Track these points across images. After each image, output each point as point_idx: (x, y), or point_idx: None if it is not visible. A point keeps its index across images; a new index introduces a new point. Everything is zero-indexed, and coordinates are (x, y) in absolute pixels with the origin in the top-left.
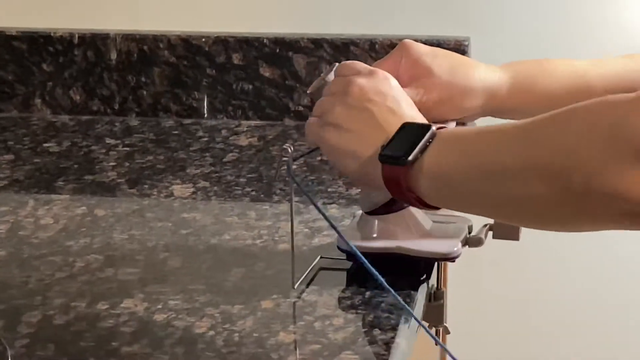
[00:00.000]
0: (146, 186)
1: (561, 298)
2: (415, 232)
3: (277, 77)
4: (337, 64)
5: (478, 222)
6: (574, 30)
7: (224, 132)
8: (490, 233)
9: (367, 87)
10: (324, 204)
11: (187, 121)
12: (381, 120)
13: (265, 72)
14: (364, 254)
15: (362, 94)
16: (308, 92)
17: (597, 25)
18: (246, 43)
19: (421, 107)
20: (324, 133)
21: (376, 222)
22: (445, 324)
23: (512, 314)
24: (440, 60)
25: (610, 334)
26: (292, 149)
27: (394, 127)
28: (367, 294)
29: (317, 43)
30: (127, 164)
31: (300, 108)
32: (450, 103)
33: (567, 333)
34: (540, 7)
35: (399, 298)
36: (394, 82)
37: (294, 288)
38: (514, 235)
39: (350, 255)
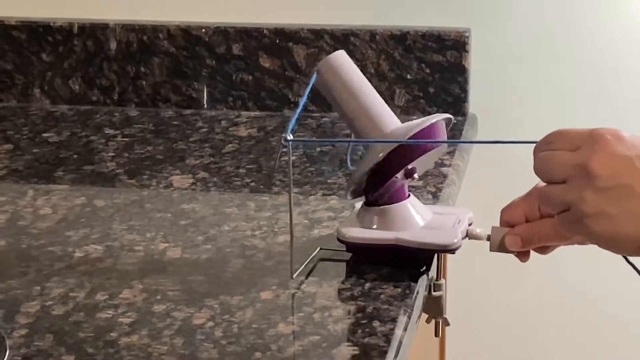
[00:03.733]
0: (145, 177)
1: (561, 290)
2: (415, 224)
3: (277, 67)
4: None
5: (478, 215)
6: (575, 21)
7: (223, 122)
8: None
9: (607, 160)
10: (323, 195)
11: (187, 112)
12: None
13: (265, 62)
14: (363, 245)
15: (608, 170)
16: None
17: (600, 15)
18: (246, 33)
19: None
20: (592, 225)
21: (376, 213)
22: (444, 315)
23: (511, 305)
24: None
25: (609, 322)
26: (291, 137)
27: None
28: (367, 285)
29: (317, 34)
30: (126, 154)
31: (300, 99)
32: None
33: (566, 324)
34: None
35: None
36: (622, 133)
37: (292, 278)
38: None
39: (350, 246)
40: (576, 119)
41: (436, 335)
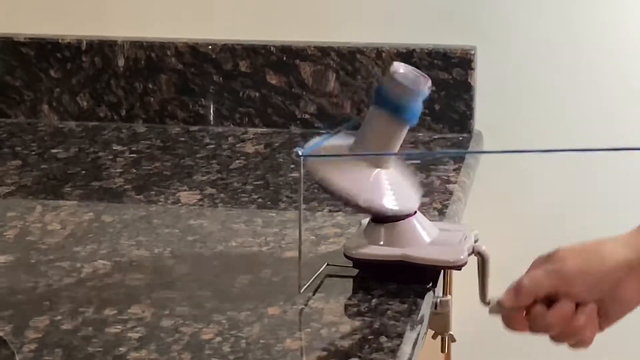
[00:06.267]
0: (153, 193)
1: None
2: (422, 240)
3: (283, 84)
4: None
5: (484, 232)
6: (579, 38)
7: (230, 139)
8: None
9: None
10: (330, 211)
11: (194, 128)
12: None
13: (272, 79)
14: (370, 261)
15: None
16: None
17: (605, 32)
18: (253, 51)
19: None
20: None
21: (383, 229)
22: (450, 331)
23: None
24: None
25: (621, 341)
26: (302, 153)
27: None
28: (374, 301)
29: (324, 51)
30: (134, 170)
31: (307, 116)
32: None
33: None
34: (546, 16)
35: None
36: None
37: (299, 292)
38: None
39: (356, 262)
40: (581, 135)
41: (442, 351)
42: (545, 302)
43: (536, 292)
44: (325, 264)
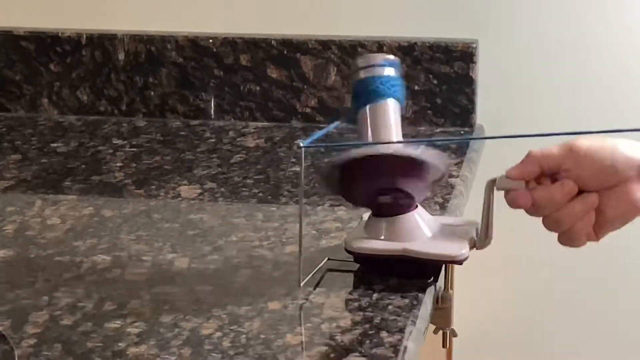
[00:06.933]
0: (153, 187)
1: (569, 301)
2: (423, 235)
3: (284, 78)
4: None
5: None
6: (581, 33)
7: (231, 133)
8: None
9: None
10: (331, 205)
11: (194, 122)
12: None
13: (273, 73)
14: (371, 255)
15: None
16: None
17: (605, 27)
18: (254, 44)
19: None
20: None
21: (384, 224)
22: (452, 326)
23: (519, 317)
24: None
25: (622, 339)
26: (303, 144)
27: None
28: (375, 296)
29: (325, 45)
30: (134, 164)
31: (308, 110)
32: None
33: (575, 336)
34: (548, 10)
35: None
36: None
37: (300, 286)
38: None
39: (357, 257)
40: (584, 128)
41: (444, 346)
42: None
43: (543, 162)
44: (326, 258)
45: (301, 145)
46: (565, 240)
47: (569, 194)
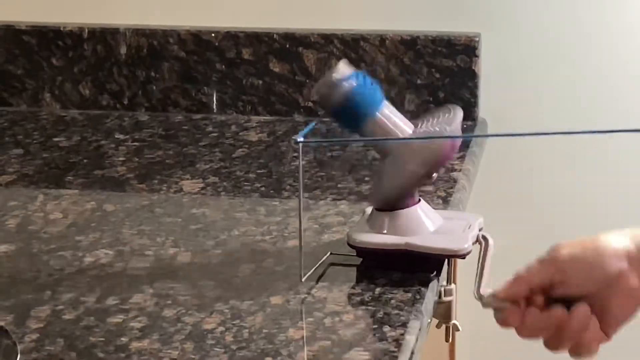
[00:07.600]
0: (155, 181)
1: None
2: (426, 229)
3: (287, 72)
4: (343, 60)
5: (489, 220)
6: (584, 27)
7: (233, 127)
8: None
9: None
10: (333, 199)
11: (197, 116)
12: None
13: (275, 67)
14: (373, 250)
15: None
16: (316, 92)
17: (608, 19)
18: (256, 38)
19: None
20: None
21: (386, 218)
22: (455, 320)
23: None
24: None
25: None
26: (302, 139)
27: None
28: (377, 290)
29: (327, 38)
30: (136, 159)
31: (310, 104)
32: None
33: None
34: (551, 3)
35: None
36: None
37: (301, 281)
38: None
39: (360, 251)
40: (586, 123)
41: (446, 340)
42: (544, 303)
43: (530, 281)
44: (329, 252)
45: (298, 140)
46: (576, 355)
47: (559, 318)
